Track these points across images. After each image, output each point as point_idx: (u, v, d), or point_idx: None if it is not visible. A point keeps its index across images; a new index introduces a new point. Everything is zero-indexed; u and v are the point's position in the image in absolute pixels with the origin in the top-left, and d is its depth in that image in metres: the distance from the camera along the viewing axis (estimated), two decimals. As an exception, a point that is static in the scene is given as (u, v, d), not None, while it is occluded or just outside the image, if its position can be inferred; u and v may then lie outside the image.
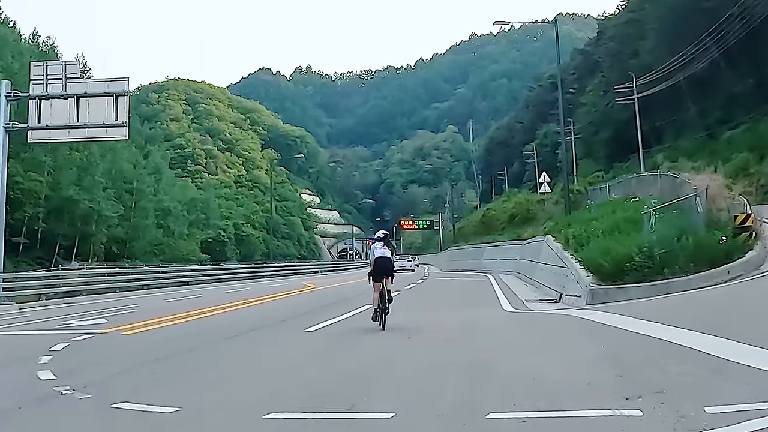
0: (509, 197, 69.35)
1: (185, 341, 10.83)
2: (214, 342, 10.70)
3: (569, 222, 23.91)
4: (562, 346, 8.28)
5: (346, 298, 22.05)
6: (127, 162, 67.28)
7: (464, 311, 15.40)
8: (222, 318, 15.47)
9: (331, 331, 11.91)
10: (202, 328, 13.43)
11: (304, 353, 9.16)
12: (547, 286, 22.12)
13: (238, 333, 11.97)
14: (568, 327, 9.96)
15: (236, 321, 14.72)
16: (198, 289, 30.66)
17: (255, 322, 13.91)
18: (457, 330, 10.75)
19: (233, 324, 13.91)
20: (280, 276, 50.53)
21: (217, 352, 9.71)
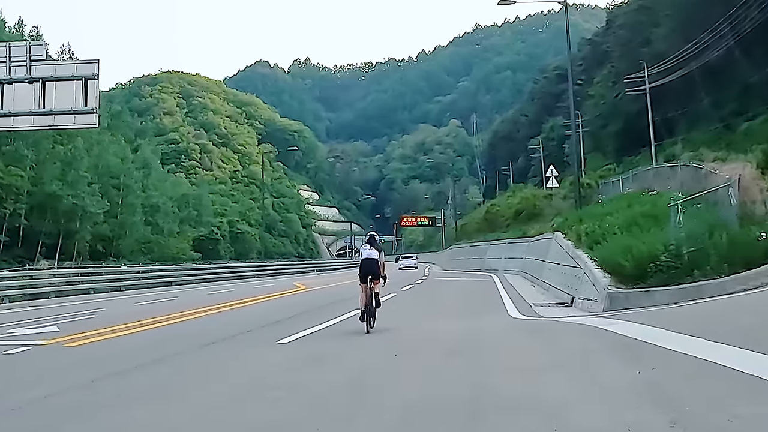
0: (514, 192, 68.02)
1: (130, 357, 9.34)
2: (163, 360, 9.16)
3: (581, 217, 22.46)
4: (585, 371, 6.71)
5: (336, 301, 20.62)
6: (114, 156, 66.08)
7: (465, 318, 13.91)
8: (188, 326, 13.99)
9: (306, 344, 10.39)
10: (160, 338, 11.97)
11: (263, 376, 7.62)
12: (557, 288, 20.72)
13: (198, 345, 10.47)
14: (589, 341, 8.40)
15: (203, 329, 13.24)
16: (179, 291, 29.20)
17: (223, 331, 12.42)
18: (455, 345, 9.17)
19: (198, 333, 12.43)
20: (272, 275, 49.10)
21: (160, 375, 8.18)
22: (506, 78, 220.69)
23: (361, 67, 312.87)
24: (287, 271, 54.97)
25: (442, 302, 19.69)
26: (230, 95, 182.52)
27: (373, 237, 13.01)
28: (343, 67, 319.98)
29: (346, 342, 10.33)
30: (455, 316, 14.62)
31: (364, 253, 12.54)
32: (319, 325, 13.01)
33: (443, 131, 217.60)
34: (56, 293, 25.29)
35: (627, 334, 8.32)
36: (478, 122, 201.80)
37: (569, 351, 7.85)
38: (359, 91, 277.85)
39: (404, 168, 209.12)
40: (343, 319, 14.45)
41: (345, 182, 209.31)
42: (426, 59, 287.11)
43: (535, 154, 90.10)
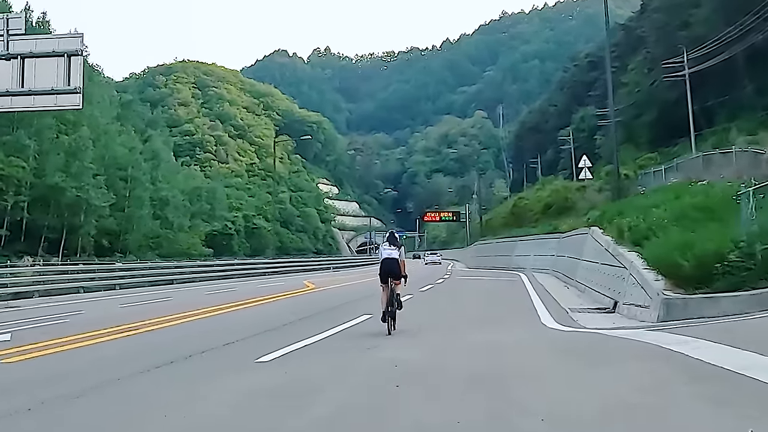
0: (543, 185, 66.24)
1: (59, 381, 7.58)
2: (108, 385, 7.39)
3: (621, 210, 20.48)
4: (665, 426, 4.82)
5: (345, 303, 18.84)
6: (122, 147, 64.92)
7: (490, 329, 12.03)
8: (162, 335, 12.26)
9: (289, 365, 8.54)
10: (118, 352, 10.23)
11: (221, 417, 5.81)
12: (595, 290, 18.83)
13: (152, 366, 8.67)
14: (657, 371, 6.43)
15: (176, 340, 11.50)
16: (178, 290, 27.60)
17: (197, 343, 10.62)
18: (476, 371, 7.24)
19: (166, 346, 10.68)
20: (285, 273, 47.47)
21: (87, 414, 6.39)
22: (534, 67, 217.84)
23: (383, 57, 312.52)
24: (302, 268, 53.31)
25: (464, 307, 17.77)
26: (247, 85, 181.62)
27: (394, 234, 12.89)
28: (364, 56, 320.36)
29: (337, 363, 8.50)
30: (478, 326, 12.73)
31: (384, 253, 12.38)
32: (314, 335, 11.21)
33: (468, 123, 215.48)
34: (41, 292, 23.81)
35: (707, 359, 6.40)
36: (504, 113, 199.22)
37: (634, 387, 5.92)
38: (381, 82, 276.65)
39: (427, 161, 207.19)
40: (345, 327, 12.68)
41: (366, 176, 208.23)
42: (450, 48, 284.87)
43: (564, 145, 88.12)
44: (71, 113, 59.69)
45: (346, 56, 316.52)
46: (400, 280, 12.34)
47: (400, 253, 12.48)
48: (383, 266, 12.26)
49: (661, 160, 43.63)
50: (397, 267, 12.22)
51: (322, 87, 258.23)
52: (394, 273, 12.14)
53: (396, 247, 12.46)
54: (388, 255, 12.29)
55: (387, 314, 11.87)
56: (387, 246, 12.52)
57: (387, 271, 12.14)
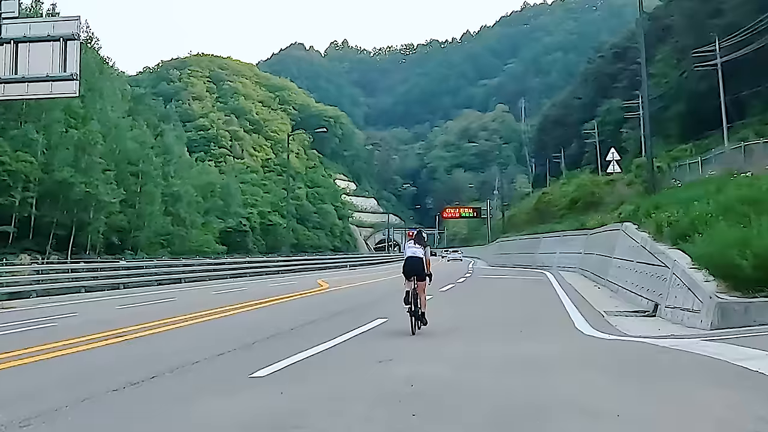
0: (569, 180, 64.81)
1: (14, 405, 6.49)
2: (62, 411, 6.27)
3: (657, 204, 19.21)
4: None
5: (359, 305, 17.74)
6: (133, 141, 64.34)
7: (518, 338, 10.83)
8: (156, 341, 11.16)
9: (290, 380, 7.44)
10: (99, 362, 9.13)
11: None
12: (630, 291, 17.64)
13: (144, 377, 7.62)
14: (737, 398, 5.28)
15: (170, 347, 10.38)
16: (185, 290, 26.59)
17: (193, 351, 9.52)
18: (512, 401, 6.07)
19: (160, 354, 9.59)
20: (300, 271, 46.47)
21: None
22: (557, 59, 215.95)
23: (402, 50, 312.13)
24: (317, 266, 52.33)
25: (490, 309, 16.55)
26: (263, 79, 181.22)
27: (421, 233, 12.64)
28: (383, 49, 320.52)
29: (343, 380, 7.38)
30: (508, 332, 11.54)
31: (408, 251, 12.25)
32: (322, 343, 10.07)
33: (489, 116, 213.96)
34: (39, 292, 22.90)
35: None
36: (526, 107, 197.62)
37: (712, 425, 4.74)
38: (399, 75, 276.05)
39: (447, 156, 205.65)
40: (357, 333, 11.54)
41: (384, 171, 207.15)
42: (471, 40, 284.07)
43: (588, 139, 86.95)
44: (80, 106, 59.38)
45: (363, 49, 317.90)
46: (425, 279, 12.08)
47: (426, 251, 12.23)
48: (407, 265, 12.07)
49: (695, 151, 42.24)
50: (421, 266, 12.00)
51: (339, 81, 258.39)
52: (418, 272, 11.93)
53: (421, 246, 12.22)
54: (413, 254, 12.12)
55: (412, 314, 11.70)
56: (411, 244, 12.34)
57: (410, 270, 11.96)
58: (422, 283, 12.02)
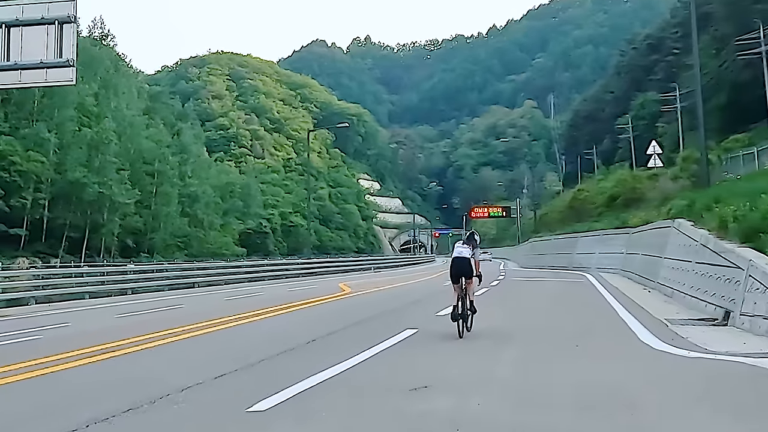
0: (606, 175, 63.09)
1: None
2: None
3: (717, 198, 17.56)
4: None
5: (384, 312, 16.27)
6: (149, 140, 63.57)
7: (581, 354, 9.31)
8: (146, 359, 9.70)
9: (294, 418, 5.98)
10: (70, 388, 7.76)
11: None
12: (689, 295, 16.13)
13: (116, 410, 6.20)
14: None
15: (160, 367, 8.95)
16: (196, 296, 25.27)
17: (186, 374, 8.10)
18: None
19: (145, 378, 8.19)
20: (321, 274, 45.12)
21: None
22: (587, 53, 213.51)
23: (426, 45, 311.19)
24: (340, 269, 51.01)
25: (534, 316, 14.92)
26: (283, 77, 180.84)
27: (473, 235, 12.80)
28: (407, 45, 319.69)
29: (358, 420, 5.88)
30: (563, 347, 9.97)
31: (455, 251, 12.28)
32: (341, 362, 8.62)
33: (517, 113, 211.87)
34: (39, 299, 21.67)
35: None
36: (555, 102, 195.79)
37: None
38: (424, 71, 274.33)
39: (474, 154, 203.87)
40: (382, 348, 10.04)
41: (409, 170, 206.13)
42: (497, 35, 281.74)
43: (622, 134, 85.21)
44: (94, 104, 58.68)
45: (387, 45, 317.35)
46: (473, 279, 12.14)
47: (474, 252, 12.26)
48: (453, 265, 12.08)
49: (749, 141, 40.52)
50: (468, 266, 12.02)
51: (362, 78, 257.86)
52: (465, 272, 11.97)
53: (469, 247, 12.28)
54: (459, 254, 12.15)
55: (458, 315, 11.56)
56: (460, 245, 12.40)
57: (458, 270, 11.98)
58: (470, 281, 12.06)
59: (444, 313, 15.41)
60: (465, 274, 12.01)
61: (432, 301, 19.69)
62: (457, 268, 12.03)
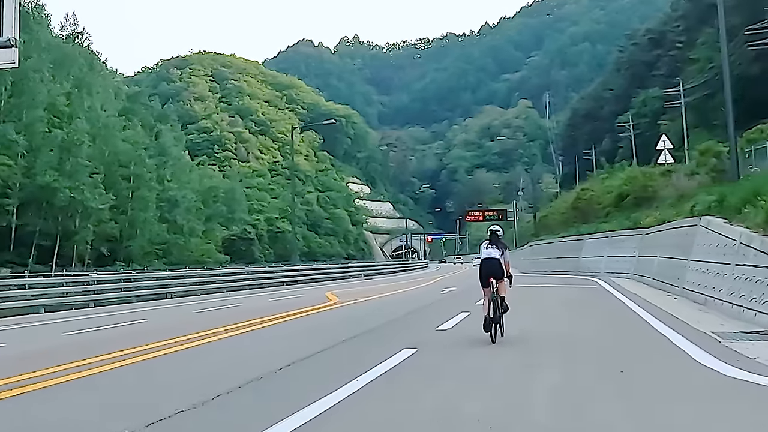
0: (611, 173, 61.54)
1: None
2: None
3: (758, 190, 15.78)
4: None
5: (376, 327, 14.34)
6: (125, 142, 61.77)
7: (625, 385, 7.45)
8: (71, 392, 7.79)
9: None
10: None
11: None
12: (730, 302, 14.52)
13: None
14: None
15: (82, 407, 7.02)
16: (164, 307, 23.32)
17: (116, 417, 6.26)
18: None
19: (54, 425, 6.31)
20: (308, 282, 43.22)
21: None
22: (584, 51, 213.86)
23: (417, 44, 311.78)
24: (329, 276, 49.23)
25: (552, 331, 13.08)
26: (269, 78, 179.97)
27: (496, 234, 12.31)
28: (397, 44, 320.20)
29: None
30: (602, 376, 8.08)
31: (484, 253, 12.07)
32: (323, 396, 6.80)
33: (512, 113, 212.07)
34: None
35: None
36: (551, 101, 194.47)
37: None
38: (415, 71, 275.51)
39: (468, 155, 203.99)
40: (376, 375, 8.17)
41: (400, 173, 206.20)
42: (490, 33, 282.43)
43: (623, 133, 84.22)
44: (65, 104, 56.85)
45: (376, 45, 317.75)
46: (503, 280, 11.85)
47: (504, 253, 11.96)
48: (483, 267, 11.90)
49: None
50: (499, 267, 11.78)
51: (351, 79, 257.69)
52: (496, 273, 11.75)
53: (497, 248, 11.94)
54: (488, 255, 11.92)
55: (490, 320, 11.31)
56: (485, 245, 12.11)
57: (488, 272, 11.77)
58: (501, 282, 11.78)
59: (446, 327, 13.56)
60: (495, 275, 11.71)
61: (431, 312, 18.00)
62: (488, 269, 11.76)
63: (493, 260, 11.80)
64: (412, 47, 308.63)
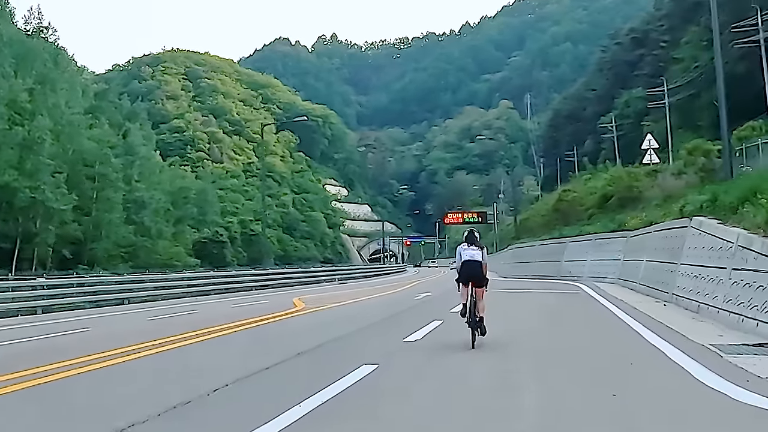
0: (594, 174, 61.04)
1: None
2: None
3: (756, 189, 14.84)
4: None
5: (341, 336, 13.26)
6: (91, 141, 60.21)
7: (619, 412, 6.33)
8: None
9: None
10: None
11: None
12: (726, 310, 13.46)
13: None
14: None
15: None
16: (117, 314, 21.99)
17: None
18: None
19: None
20: (278, 286, 42.00)
21: None
22: (566, 51, 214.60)
23: (396, 44, 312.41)
24: (302, 280, 48.17)
25: (531, 345, 11.90)
26: (244, 76, 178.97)
27: (473, 233, 12.00)
28: (375, 43, 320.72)
29: None
30: (591, 399, 7.01)
31: (465, 254, 11.63)
32: (267, 420, 5.70)
33: (492, 114, 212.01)
34: None
35: None
36: (533, 102, 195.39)
37: None
38: (394, 71, 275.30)
39: (447, 157, 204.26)
40: (333, 394, 7.08)
41: (379, 175, 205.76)
42: (471, 32, 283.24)
43: (606, 134, 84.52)
44: (27, 100, 55.31)
45: (354, 44, 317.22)
46: (483, 286, 11.50)
47: (483, 254, 11.59)
48: (464, 270, 11.45)
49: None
50: (480, 271, 11.44)
51: (329, 78, 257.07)
52: (478, 278, 11.40)
53: (478, 248, 11.60)
54: (470, 257, 11.49)
55: (470, 325, 11.13)
56: (465, 247, 11.68)
57: (469, 275, 11.39)
58: (480, 290, 11.39)
59: (415, 338, 12.41)
60: (477, 278, 11.36)
61: (401, 321, 16.93)
62: (469, 271, 11.37)
63: (475, 263, 11.41)
64: (392, 47, 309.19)
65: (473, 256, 11.48)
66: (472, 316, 11.09)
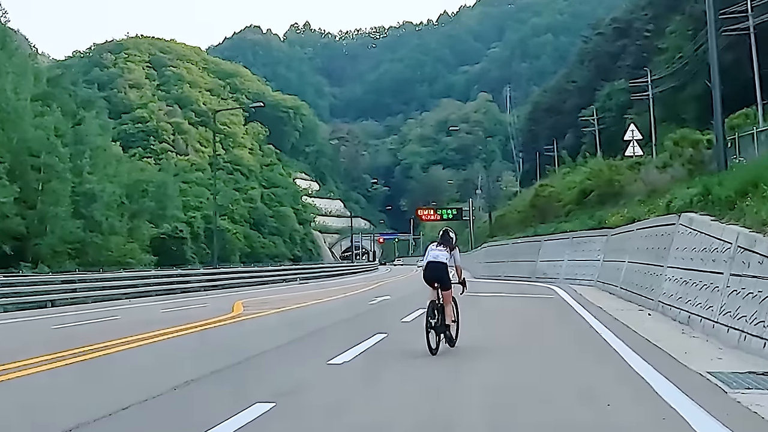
0: (574, 168, 59.82)
1: None
2: None
3: (756, 181, 13.05)
4: None
5: (246, 359, 11.08)
6: (37, 129, 57.73)
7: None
8: None
9: None
10: None
11: None
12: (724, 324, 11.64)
13: None
14: None
15: None
16: (28, 320, 19.97)
17: None
18: None
19: None
20: (231, 286, 39.97)
21: None
22: (546, 42, 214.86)
23: (371, 33, 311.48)
24: (258, 280, 46.38)
25: (479, 377, 9.72)
26: (211, 65, 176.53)
27: (448, 233, 11.77)
28: (350, 33, 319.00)
29: None
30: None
31: (430, 254, 11.51)
32: None
33: (470, 107, 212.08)
34: None
35: None
36: (512, 95, 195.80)
37: None
38: (369, 62, 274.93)
39: (423, 151, 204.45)
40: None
41: (352, 169, 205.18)
42: (449, 22, 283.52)
43: (587, 128, 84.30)
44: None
45: (328, 33, 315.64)
46: (450, 288, 11.22)
47: (453, 255, 11.48)
48: (428, 271, 11.33)
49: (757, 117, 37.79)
50: (445, 272, 11.26)
51: (301, 68, 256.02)
52: (441, 279, 11.20)
53: (446, 248, 11.44)
54: (434, 258, 11.35)
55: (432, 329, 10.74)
56: (435, 247, 11.64)
57: (432, 276, 11.25)
58: (447, 293, 11.13)
59: (343, 359, 10.17)
60: (440, 281, 11.13)
61: (337, 332, 15.05)
62: (432, 273, 11.17)
63: (439, 264, 11.20)
64: (367, 36, 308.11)
65: (437, 257, 11.27)
66: (435, 320, 10.75)
